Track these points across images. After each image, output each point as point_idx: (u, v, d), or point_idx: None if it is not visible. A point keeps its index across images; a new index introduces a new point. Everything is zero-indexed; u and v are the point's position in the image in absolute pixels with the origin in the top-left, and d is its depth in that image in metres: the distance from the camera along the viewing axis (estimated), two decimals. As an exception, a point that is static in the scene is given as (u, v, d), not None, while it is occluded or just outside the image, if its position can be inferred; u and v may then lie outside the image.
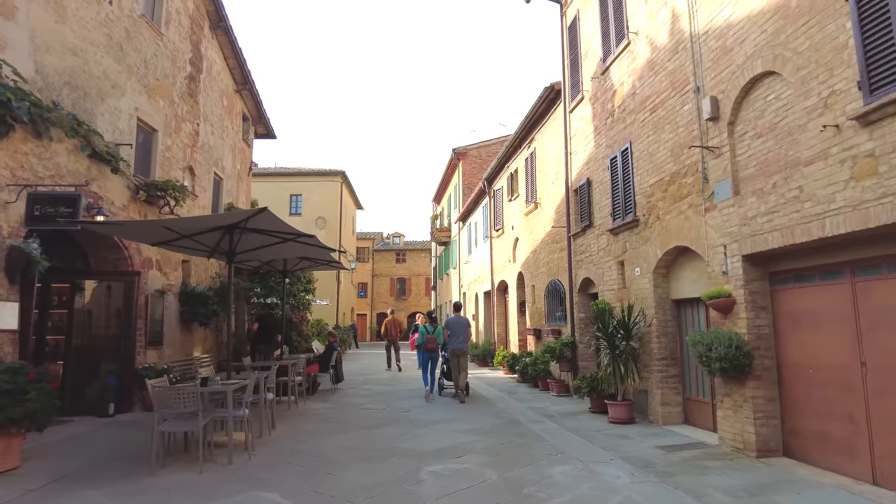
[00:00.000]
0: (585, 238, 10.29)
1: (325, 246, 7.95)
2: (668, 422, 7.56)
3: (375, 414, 8.78)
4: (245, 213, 5.82)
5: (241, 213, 5.94)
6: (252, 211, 5.73)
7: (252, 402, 6.98)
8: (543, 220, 12.69)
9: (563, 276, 11.33)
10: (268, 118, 16.22)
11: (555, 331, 11.55)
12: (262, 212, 5.69)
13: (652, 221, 7.88)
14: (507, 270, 16.14)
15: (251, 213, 5.80)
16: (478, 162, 25.70)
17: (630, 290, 8.53)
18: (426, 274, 43.94)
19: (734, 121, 6.12)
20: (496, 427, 7.69)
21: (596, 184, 9.84)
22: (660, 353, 7.74)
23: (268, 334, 10.78)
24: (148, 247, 9.43)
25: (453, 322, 10.76)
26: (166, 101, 10.36)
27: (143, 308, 9.18)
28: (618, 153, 8.91)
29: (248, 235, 7.08)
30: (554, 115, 12.10)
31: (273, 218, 6.11)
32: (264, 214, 5.85)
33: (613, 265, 9.09)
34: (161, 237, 6.95)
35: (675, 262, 7.67)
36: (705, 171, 6.57)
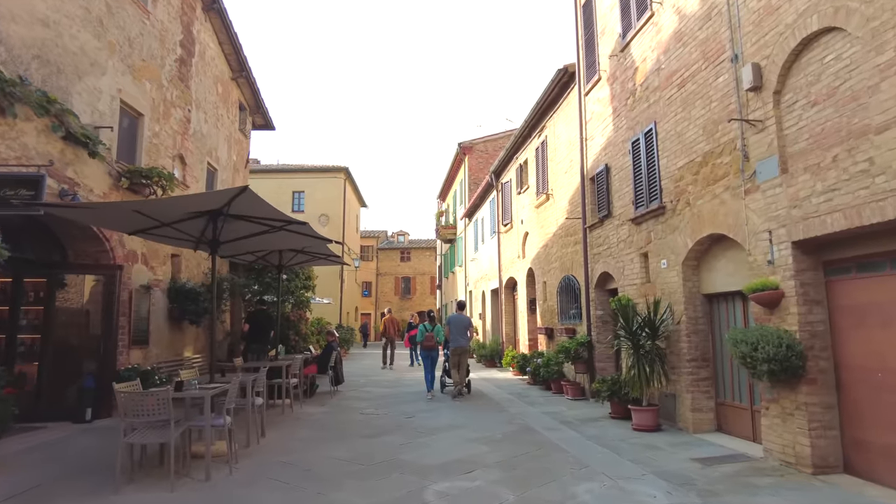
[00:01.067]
0: (603, 229, 9.55)
1: (319, 236, 7.25)
2: (699, 429, 6.82)
3: (376, 420, 8.07)
4: (226, 193, 5.12)
5: (221, 193, 5.23)
6: (233, 191, 5.04)
7: (238, 407, 6.31)
8: (556, 212, 11.95)
9: (578, 272, 10.59)
10: (266, 108, 15.55)
11: (569, 330, 10.82)
12: (244, 191, 4.99)
13: (681, 208, 7.14)
14: (516, 267, 15.41)
15: (233, 195, 5.10)
16: (484, 157, 24.96)
17: (655, 285, 7.79)
18: (431, 273, 43.24)
19: (781, 89, 5.37)
20: (509, 435, 6.96)
21: (615, 170, 9.10)
22: (690, 354, 7.00)
23: (260, 333, 10.09)
24: (133, 239, 8.76)
25: (455, 320, 10.78)
26: (153, 84, 9.69)
27: (126, 304, 8.51)
28: (640, 135, 8.17)
29: (234, 224, 6.41)
30: (567, 100, 11.36)
31: (257, 200, 5.42)
32: (247, 195, 5.15)
33: (636, 258, 8.35)
34: (137, 224, 6.27)
35: (708, 253, 6.92)
36: (745, 148, 5.82)
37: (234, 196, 5.14)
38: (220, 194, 5.22)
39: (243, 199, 5.59)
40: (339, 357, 11.30)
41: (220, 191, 5.21)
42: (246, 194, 5.17)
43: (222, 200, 5.32)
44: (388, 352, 17.29)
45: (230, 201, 5.38)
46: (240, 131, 14.44)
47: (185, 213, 6.06)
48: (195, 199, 5.58)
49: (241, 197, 5.41)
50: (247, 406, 6.30)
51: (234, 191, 5.04)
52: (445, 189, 30.98)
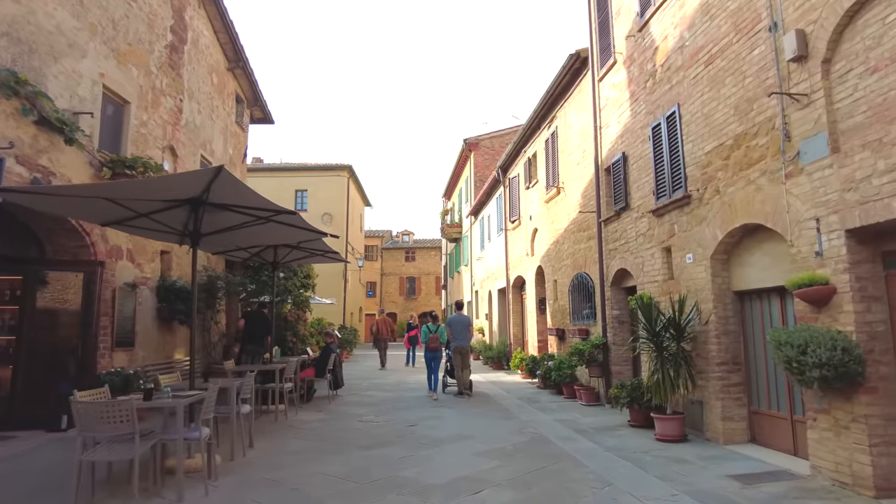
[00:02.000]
0: (620, 223, 8.91)
1: (311, 228, 6.65)
2: (730, 440, 6.17)
3: (375, 428, 7.46)
4: (202, 175, 4.53)
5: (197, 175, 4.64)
6: (209, 172, 4.45)
7: (225, 415, 5.72)
8: (567, 206, 11.32)
9: (592, 269, 9.96)
10: (264, 101, 14.99)
11: (582, 330, 10.18)
12: (220, 172, 4.40)
13: (709, 197, 6.50)
14: (525, 265, 14.78)
15: (210, 177, 4.51)
16: (490, 153, 24.35)
17: (679, 282, 7.15)
18: (436, 273, 42.62)
19: (831, 58, 4.74)
20: (520, 447, 6.34)
21: (633, 158, 8.46)
22: (719, 357, 6.35)
23: (256, 334, 9.51)
24: (118, 234, 8.22)
25: (455, 320, 10.93)
26: (141, 71, 9.13)
27: (109, 303, 7.95)
28: (661, 119, 7.54)
29: (218, 215, 5.82)
30: (579, 87, 10.73)
31: (239, 186, 4.83)
32: (226, 179, 4.56)
33: (657, 252, 7.71)
34: (110, 215, 5.69)
35: (740, 245, 6.28)
36: (787, 126, 5.18)
37: (211, 179, 4.55)
38: (195, 176, 4.63)
39: (225, 186, 5.01)
40: (339, 360, 10.71)
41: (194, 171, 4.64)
42: (225, 177, 4.58)
43: (199, 184, 4.73)
44: (383, 353, 17.45)
45: (209, 185, 4.79)
46: (236, 124, 13.88)
47: (163, 203, 5.50)
48: (167, 181, 4.99)
49: (221, 182, 4.83)
50: (231, 414, 5.70)
51: (210, 172, 4.45)
52: (451, 187, 30.38)
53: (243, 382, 5.91)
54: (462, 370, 10.62)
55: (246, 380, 6.01)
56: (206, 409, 4.64)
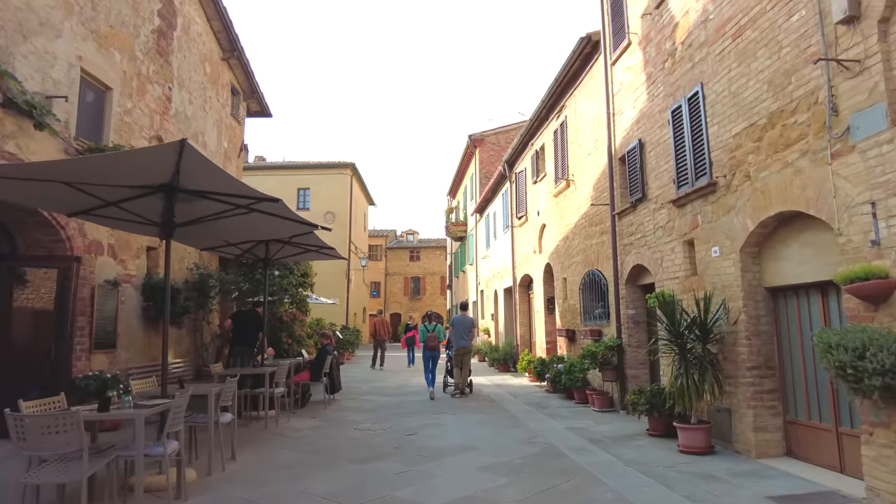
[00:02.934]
0: (636, 215, 8.29)
1: (300, 219, 6.09)
2: (764, 454, 5.54)
3: (372, 437, 6.88)
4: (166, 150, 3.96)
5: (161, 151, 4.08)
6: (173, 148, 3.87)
7: (201, 425, 5.16)
8: (577, 199, 10.70)
9: (605, 265, 9.34)
10: (261, 93, 14.44)
11: (594, 331, 9.57)
12: (183, 146, 3.83)
13: (738, 183, 5.88)
14: (532, 263, 14.16)
15: (177, 153, 3.94)
16: (496, 149, 23.75)
17: (703, 278, 6.53)
18: (441, 273, 42.02)
19: (890, 16, 4.11)
20: (530, 460, 5.74)
21: (651, 145, 7.85)
22: (750, 360, 5.73)
23: (246, 335, 8.92)
24: (98, 229, 7.68)
25: (458, 321, 10.97)
26: (125, 55, 8.59)
27: (87, 302, 7.41)
28: (682, 101, 6.92)
29: (195, 204, 5.27)
30: (591, 73, 10.12)
31: (209, 166, 4.27)
32: (193, 158, 3.99)
33: (678, 246, 7.09)
34: (76, 203, 5.15)
35: (774, 236, 5.65)
36: (833, 99, 4.56)
37: (177, 156, 3.98)
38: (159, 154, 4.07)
39: (195, 167, 4.46)
40: (336, 362, 10.14)
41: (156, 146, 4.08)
42: (192, 155, 4.02)
43: (166, 164, 4.16)
44: (379, 353, 17.72)
45: (177, 166, 4.23)
46: (232, 116, 13.34)
47: (132, 190, 4.95)
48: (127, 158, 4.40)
49: (190, 162, 4.27)
50: (209, 424, 5.13)
51: (174, 148, 3.88)
52: (455, 185, 29.80)
53: (223, 388, 5.33)
54: (462, 371, 10.77)
55: (226, 385, 5.43)
56: (173, 420, 4.07)
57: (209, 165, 4.29)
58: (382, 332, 18.24)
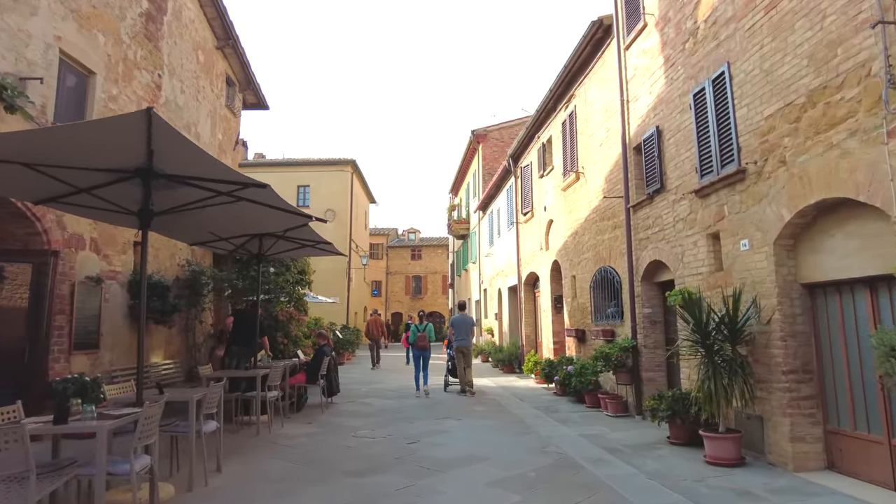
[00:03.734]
0: (653, 208, 7.77)
1: (293, 209, 5.59)
2: (802, 467, 5.03)
3: (370, 446, 6.37)
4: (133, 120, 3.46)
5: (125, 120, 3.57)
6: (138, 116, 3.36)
7: (182, 433, 4.67)
8: (588, 192, 10.18)
9: (618, 262, 8.82)
10: (258, 84, 13.95)
11: (606, 331, 9.05)
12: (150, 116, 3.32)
13: (771, 169, 5.37)
14: (539, 260, 13.65)
15: (142, 126, 3.44)
16: (499, 145, 23.26)
17: (730, 273, 6.01)
18: (443, 271, 41.50)
19: (960, -28, 3.60)
20: (544, 473, 5.23)
21: (669, 132, 7.33)
22: (786, 364, 5.22)
23: (243, 334, 8.41)
24: (79, 221, 7.20)
25: (459, 320, 11.09)
26: (109, 38, 8.09)
27: (66, 299, 6.92)
28: (706, 83, 6.40)
29: (176, 190, 4.78)
30: (602, 59, 9.60)
31: (186, 144, 3.76)
32: (164, 132, 3.49)
33: (700, 240, 6.58)
34: (42, 190, 4.65)
35: (814, 227, 5.14)
36: (891, 70, 4.04)
37: (147, 129, 3.47)
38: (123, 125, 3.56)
39: (174, 148, 3.96)
40: (334, 363, 9.63)
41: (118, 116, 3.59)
42: (162, 130, 3.51)
43: (136, 140, 3.65)
44: (375, 352, 18.03)
45: (149, 143, 3.72)
46: (227, 108, 12.84)
47: (104, 174, 4.46)
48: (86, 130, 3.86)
49: (167, 141, 3.77)
50: (190, 434, 4.63)
51: (140, 119, 3.37)
52: (458, 182, 29.29)
53: (206, 394, 4.83)
54: (465, 369, 10.80)
55: (210, 391, 4.92)
56: (143, 433, 3.57)
57: (185, 143, 3.79)
58: (375, 331, 18.61)
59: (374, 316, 19.62)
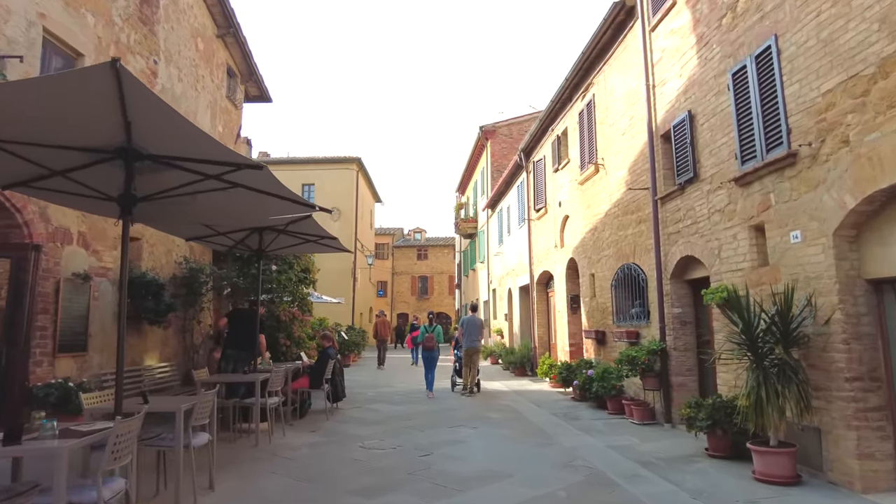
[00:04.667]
0: (684, 199, 7.19)
1: (295, 197, 5.05)
2: (871, 487, 4.43)
3: (379, 459, 5.80)
4: (94, 74, 2.91)
5: (87, 75, 3.03)
6: (100, 69, 2.82)
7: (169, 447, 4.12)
8: (608, 185, 9.60)
9: (644, 258, 8.24)
10: (260, 75, 13.43)
11: (630, 333, 8.46)
12: (118, 69, 2.78)
13: (830, 150, 4.78)
14: (553, 258, 13.06)
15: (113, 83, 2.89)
16: (508, 141, 22.69)
17: (778, 269, 5.42)
18: (449, 272, 40.92)
19: None
20: (575, 491, 4.65)
21: (703, 116, 6.74)
22: (850, 370, 4.62)
23: (240, 336, 7.86)
24: (65, 213, 6.69)
25: (468, 322, 11.11)
26: (99, 19, 7.58)
27: (49, 298, 6.40)
28: (748, 60, 5.81)
29: (163, 175, 4.25)
30: (624, 43, 9.02)
31: (171, 114, 3.22)
32: (140, 95, 2.95)
33: (741, 232, 5.99)
34: (9, 173, 4.12)
35: (881, 215, 4.55)
36: None
37: (118, 91, 2.92)
38: (90, 79, 3.00)
39: (154, 117, 3.42)
40: (340, 366, 9.08)
41: (78, 70, 3.05)
42: (143, 96, 2.97)
43: (106, 107, 3.10)
44: (381, 353, 18.32)
45: (124, 113, 3.18)
46: (227, 99, 12.32)
47: (84, 155, 3.93)
48: (41, 85, 3.27)
49: (144, 107, 3.23)
50: (177, 447, 4.08)
51: (106, 74, 2.82)
52: (465, 181, 28.73)
53: (195, 404, 4.28)
54: (472, 370, 10.94)
55: (200, 399, 4.37)
56: (115, 453, 3.01)
57: (165, 110, 3.24)
58: (384, 332, 19.06)
59: (382, 317, 20.00)
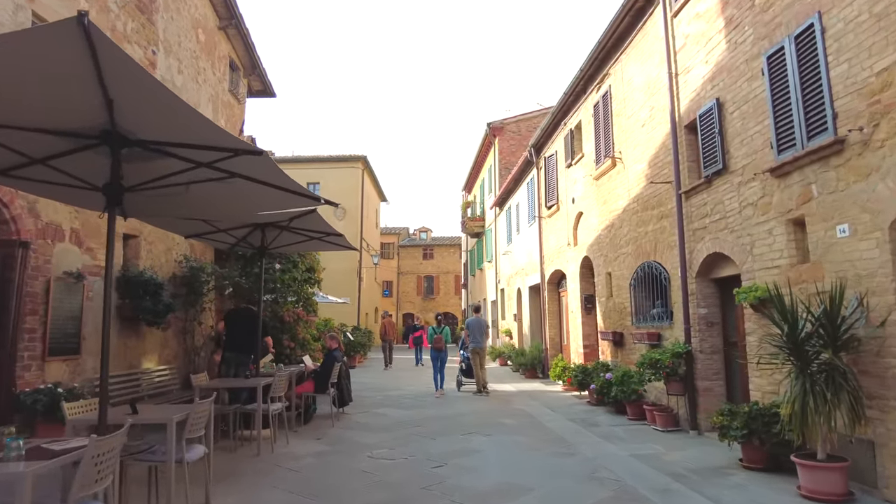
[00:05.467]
0: (712, 192, 6.76)
1: (298, 189, 4.67)
2: (934, 507, 4.01)
3: (389, 471, 5.40)
4: (58, 27, 2.52)
5: (51, 30, 2.63)
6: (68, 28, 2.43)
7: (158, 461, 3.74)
8: (626, 180, 9.17)
9: (666, 256, 7.81)
10: (264, 69, 13.06)
11: (651, 334, 8.03)
12: (85, 25, 2.39)
13: (886, 135, 4.34)
14: (565, 256, 12.63)
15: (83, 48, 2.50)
16: (517, 138, 22.27)
17: (821, 266, 4.99)
18: (456, 271, 40.50)
19: None
20: (606, 510, 4.24)
21: (733, 104, 6.31)
22: (908, 377, 4.19)
23: (241, 338, 7.47)
24: (56, 208, 6.33)
25: (473, 323, 11.39)
26: (94, 5, 7.21)
27: (39, 298, 6.04)
28: (785, 41, 5.39)
29: (152, 163, 3.88)
30: (643, 31, 8.60)
31: (148, 83, 2.83)
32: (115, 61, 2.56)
33: (778, 227, 5.56)
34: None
35: (946, 206, 4.12)
36: None
37: (93, 54, 2.53)
38: (55, 36, 2.59)
39: (136, 90, 3.04)
40: (346, 370, 8.69)
41: (37, 27, 2.67)
42: (119, 62, 2.58)
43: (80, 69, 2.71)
44: (387, 353, 18.35)
45: (103, 89, 2.79)
46: (230, 93, 11.96)
47: (66, 140, 3.56)
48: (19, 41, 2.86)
49: (129, 80, 2.84)
50: (168, 463, 3.69)
51: (72, 32, 2.43)
52: (472, 179, 28.32)
53: (189, 414, 3.89)
54: (479, 370, 11.08)
55: (194, 409, 3.98)
56: (88, 477, 2.62)
57: (150, 83, 2.84)
58: (391, 332, 19.11)
59: (388, 318, 20.02)
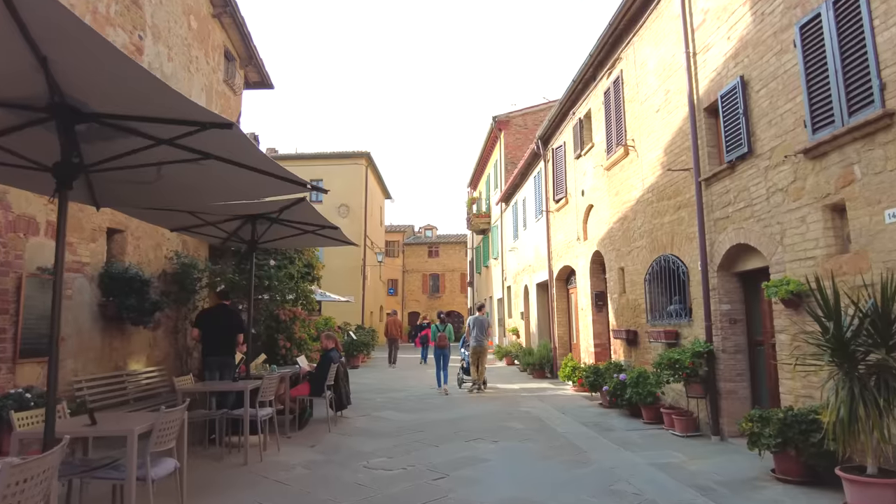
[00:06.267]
0: (735, 179, 6.24)
1: (284, 173, 4.20)
2: None
3: (387, 484, 4.92)
4: None
5: None
6: None
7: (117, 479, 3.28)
8: (640, 169, 8.65)
9: (684, 248, 7.30)
10: (261, 59, 12.62)
11: (668, 333, 7.52)
12: None
13: (945, 106, 3.83)
14: (575, 252, 12.12)
15: None
16: (523, 132, 21.77)
17: (866, 256, 4.48)
18: (461, 269, 40.01)
19: None
20: (627, 532, 3.75)
21: (760, 81, 5.79)
22: (973, 380, 3.67)
23: (219, 340, 6.96)
24: (29, 200, 5.90)
25: (475, 321, 11.47)
26: (74, -14, 6.79)
27: (10, 296, 5.61)
28: (822, 7, 4.87)
29: (113, 141, 3.43)
30: (657, 10, 8.07)
31: (92, 38, 2.37)
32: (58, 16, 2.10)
33: (812, 213, 5.04)
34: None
35: None
36: None
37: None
38: None
39: (88, 59, 2.58)
40: (344, 371, 8.22)
41: None
42: (58, 14, 2.12)
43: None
44: (393, 352, 18.53)
45: (20, 22, 2.33)
46: (225, 83, 11.52)
47: (12, 114, 3.12)
48: None
49: (78, 46, 2.39)
50: (127, 483, 3.24)
51: None
52: (477, 175, 27.81)
53: (154, 424, 3.43)
54: (480, 367, 11.26)
55: (160, 419, 3.51)
56: None
57: (91, 36, 2.38)
58: (395, 331, 19.21)
59: (393, 316, 20.07)
